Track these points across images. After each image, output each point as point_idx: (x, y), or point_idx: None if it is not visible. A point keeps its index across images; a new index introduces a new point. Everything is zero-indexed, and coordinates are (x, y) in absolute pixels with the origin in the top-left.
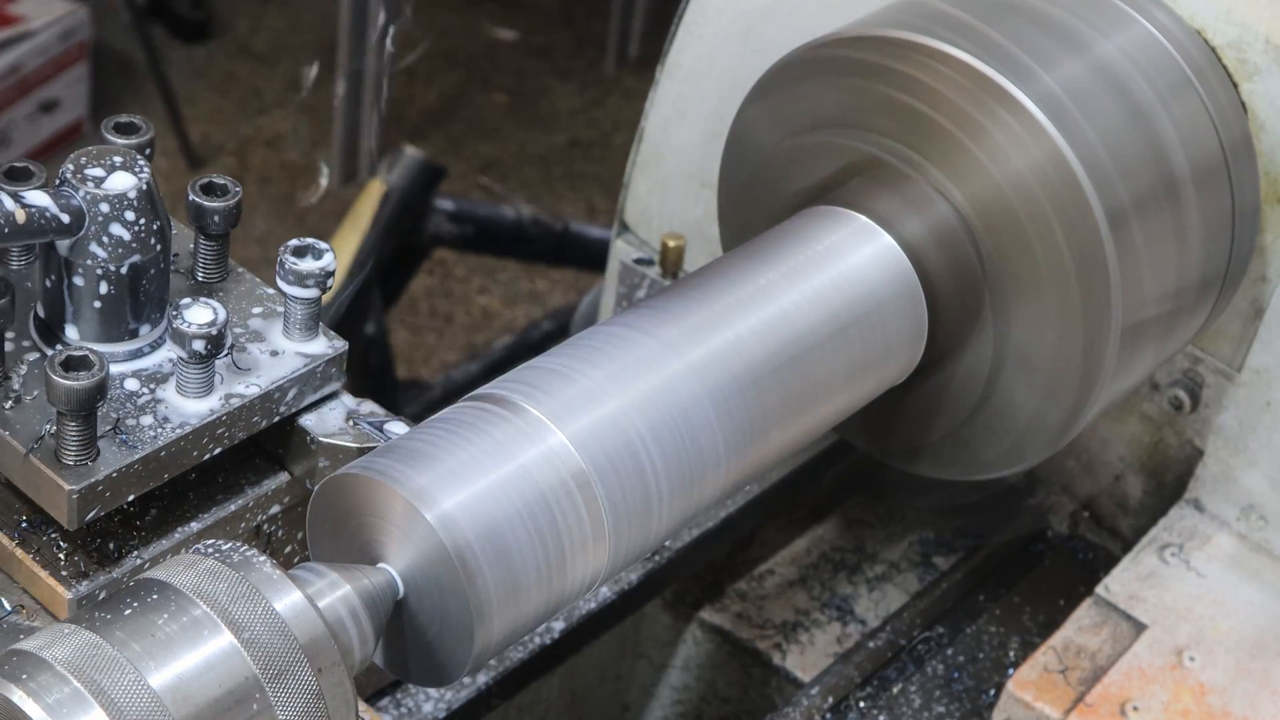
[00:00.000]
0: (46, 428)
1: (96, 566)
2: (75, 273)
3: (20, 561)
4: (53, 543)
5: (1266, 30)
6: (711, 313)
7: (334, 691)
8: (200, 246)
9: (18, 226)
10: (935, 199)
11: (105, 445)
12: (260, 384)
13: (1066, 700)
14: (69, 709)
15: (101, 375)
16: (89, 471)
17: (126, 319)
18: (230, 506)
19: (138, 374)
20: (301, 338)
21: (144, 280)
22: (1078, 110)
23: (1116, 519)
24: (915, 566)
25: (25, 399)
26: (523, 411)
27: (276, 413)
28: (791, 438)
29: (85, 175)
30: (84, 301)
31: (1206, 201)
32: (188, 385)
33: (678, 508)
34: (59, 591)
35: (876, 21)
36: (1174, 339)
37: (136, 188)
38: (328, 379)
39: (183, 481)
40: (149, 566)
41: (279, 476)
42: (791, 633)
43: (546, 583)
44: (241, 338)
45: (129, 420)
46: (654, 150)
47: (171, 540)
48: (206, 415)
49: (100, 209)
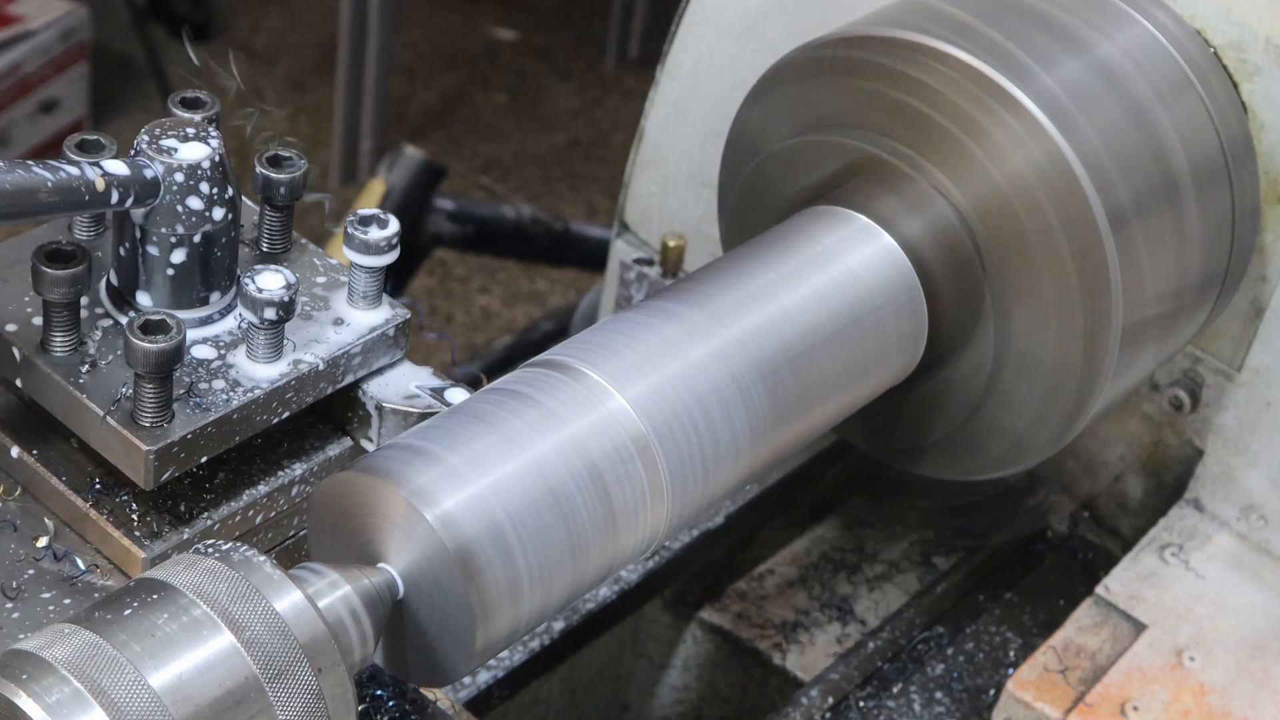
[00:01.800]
0: (123, 391)
1: (169, 527)
2: (149, 241)
3: (94, 522)
4: (125, 504)
5: (1266, 30)
6: (708, 314)
7: (334, 691)
8: (266, 217)
9: (97, 194)
10: (935, 199)
11: (179, 408)
12: (327, 351)
13: (1066, 700)
14: (69, 709)
15: (179, 338)
16: (165, 433)
17: (197, 286)
18: (296, 470)
19: (208, 340)
20: (366, 306)
21: (215, 248)
22: (1078, 110)
23: (1116, 519)
24: (915, 566)
25: (101, 364)
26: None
27: (341, 379)
28: (791, 437)
29: (160, 145)
30: (157, 269)
31: (1206, 201)
32: (258, 350)
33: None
34: (133, 551)
35: (876, 21)
36: (1174, 339)
37: (210, 157)
38: (391, 346)
39: (249, 447)
40: (219, 528)
41: (342, 442)
42: (791, 633)
43: (576, 558)
44: (307, 306)
45: (201, 384)
46: (654, 150)
47: (240, 502)
48: (276, 380)
49: (175, 178)
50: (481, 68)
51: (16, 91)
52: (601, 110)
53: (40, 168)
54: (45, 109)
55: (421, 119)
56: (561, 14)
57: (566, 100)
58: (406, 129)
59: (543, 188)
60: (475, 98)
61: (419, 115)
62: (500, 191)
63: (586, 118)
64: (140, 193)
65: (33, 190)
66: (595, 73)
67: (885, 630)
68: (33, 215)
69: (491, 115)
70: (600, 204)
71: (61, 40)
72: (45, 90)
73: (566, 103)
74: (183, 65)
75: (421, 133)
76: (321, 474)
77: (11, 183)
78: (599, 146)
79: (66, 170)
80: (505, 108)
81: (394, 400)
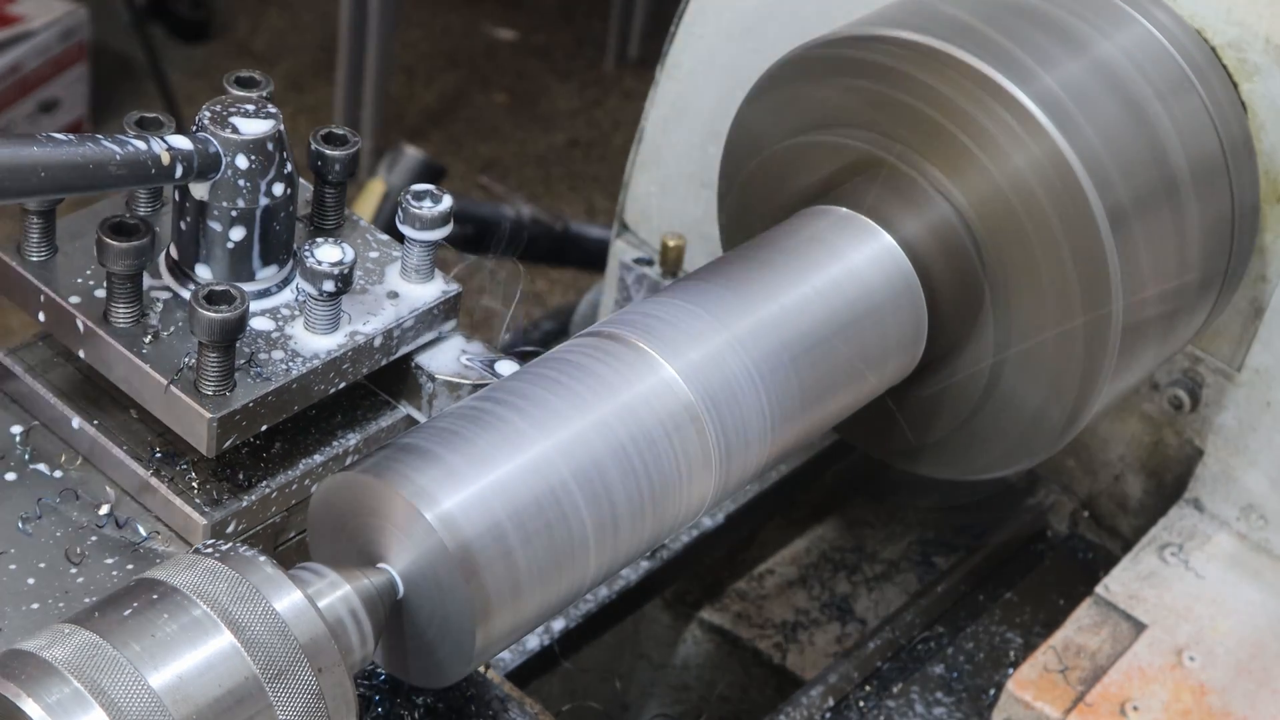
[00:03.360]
0: (185, 361)
1: (228, 495)
2: (210, 215)
3: (155, 490)
4: (185, 473)
5: (1266, 30)
6: (710, 314)
7: (334, 691)
8: (320, 194)
9: (163, 168)
10: (935, 198)
11: (240, 378)
12: (382, 323)
13: (1066, 700)
14: (69, 709)
15: (243, 308)
16: (227, 401)
17: (255, 260)
18: (350, 440)
19: (266, 312)
20: (419, 280)
21: (274, 223)
22: (1078, 110)
23: (1116, 519)
24: (915, 566)
25: (163, 335)
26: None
27: (395, 351)
28: (789, 437)
29: (222, 121)
30: (217, 243)
31: (1206, 201)
32: (316, 322)
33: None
34: (194, 518)
35: (876, 21)
36: (1174, 339)
37: (270, 134)
38: (443, 319)
39: (304, 417)
40: (276, 496)
41: (395, 413)
42: (791, 633)
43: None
44: (361, 280)
45: (261, 355)
46: (654, 150)
47: (296, 471)
48: (334, 350)
49: (236, 153)
50: (481, 68)
51: (16, 91)
52: (601, 110)
53: (109, 141)
54: (45, 109)
55: (421, 119)
56: (561, 14)
57: (566, 100)
58: (406, 129)
59: (543, 188)
60: (475, 98)
61: (419, 115)
62: (500, 191)
63: (586, 118)
64: (203, 167)
65: (103, 163)
66: (595, 73)
67: (885, 630)
68: (102, 188)
69: (491, 115)
70: (600, 204)
71: (61, 40)
72: (45, 90)
73: (566, 103)
74: (182, 65)
75: (421, 133)
76: (375, 444)
77: (83, 155)
78: (599, 146)
79: (134, 144)
80: (505, 108)
81: (446, 372)
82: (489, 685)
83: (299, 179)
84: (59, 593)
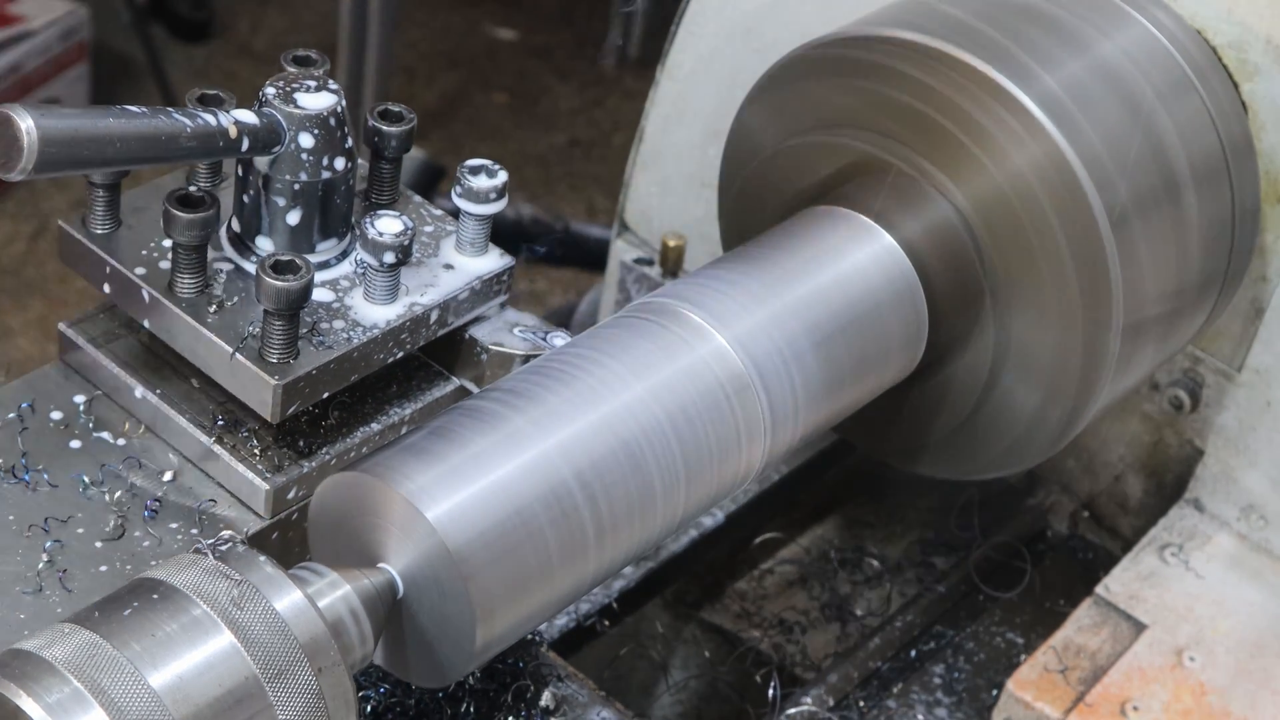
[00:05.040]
0: (250, 329)
1: (289, 461)
2: (273, 188)
3: (218, 457)
4: (247, 440)
5: (1267, 30)
6: (712, 313)
7: (334, 691)
8: (376, 169)
9: (230, 141)
10: (936, 199)
11: (303, 346)
12: (439, 294)
13: (1066, 700)
14: (69, 708)
15: (309, 277)
16: (291, 369)
17: (316, 233)
18: (406, 410)
19: (326, 283)
20: (474, 252)
21: (335, 196)
22: (1078, 110)
23: (1116, 519)
24: (915, 566)
25: (226, 305)
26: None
27: (451, 322)
28: (788, 437)
29: (285, 97)
30: (279, 215)
31: (1206, 201)
32: (376, 292)
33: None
34: (257, 484)
35: (876, 21)
36: (1174, 339)
37: (332, 108)
38: (497, 291)
39: (360, 388)
40: (335, 463)
41: (448, 384)
42: (791, 633)
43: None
44: (417, 253)
45: (323, 324)
46: (654, 150)
47: (355, 439)
48: (393, 320)
49: (299, 128)
50: (481, 68)
51: (16, 91)
52: (601, 110)
53: (180, 114)
54: None
55: (422, 119)
56: (561, 14)
57: (566, 100)
58: None
59: (543, 188)
60: (475, 98)
61: (419, 115)
62: None
63: (586, 118)
64: (267, 141)
65: (175, 135)
66: (595, 73)
67: (885, 630)
68: (172, 160)
69: (491, 115)
70: (600, 204)
71: (61, 40)
72: (45, 90)
73: (566, 103)
74: (182, 65)
75: (421, 133)
76: (428, 414)
77: (156, 128)
78: (599, 146)
79: (204, 117)
80: (505, 108)
81: (500, 341)
82: (535, 651)
83: (357, 154)
84: (125, 555)
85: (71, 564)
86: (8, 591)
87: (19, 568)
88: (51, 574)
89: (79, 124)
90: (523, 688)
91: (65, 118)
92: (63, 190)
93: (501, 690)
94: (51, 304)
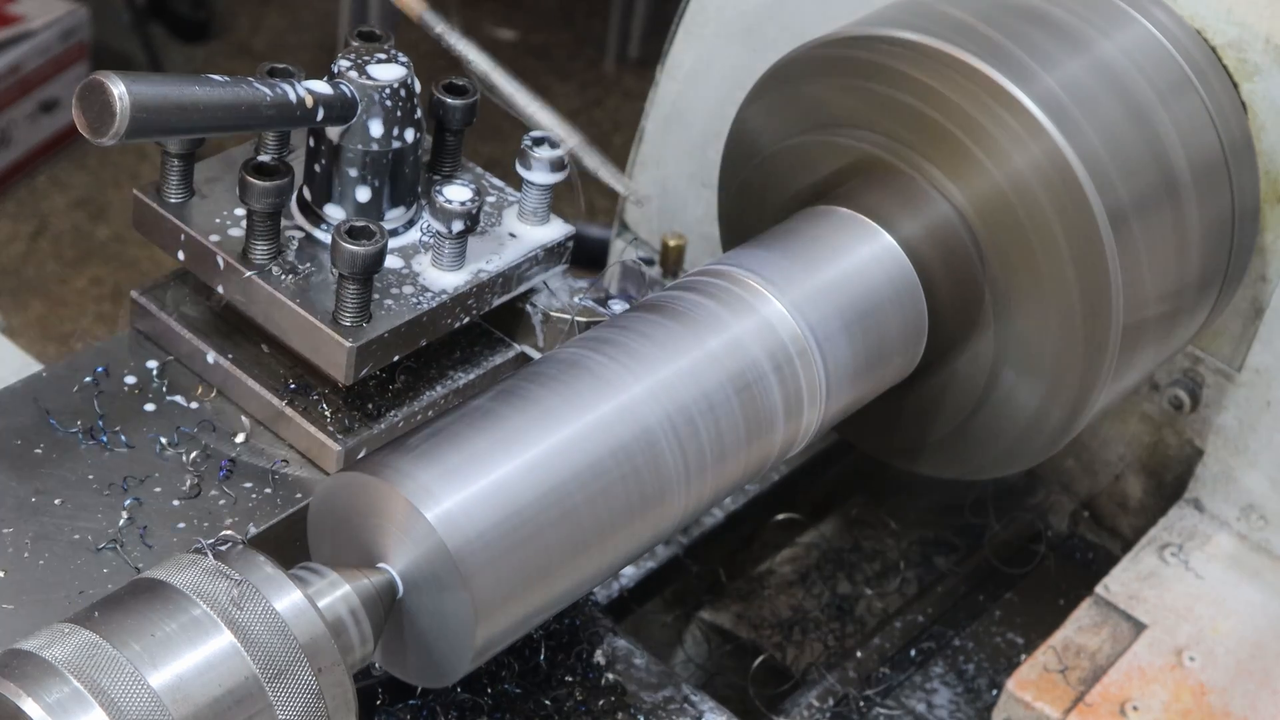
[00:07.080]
0: (320, 295)
1: (359, 423)
2: (344, 157)
3: (289, 419)
4: (317, 403)
5: (1266, 30)
6: (711, 312)
7: (334, 691)
8: (440, 141)
9: (306, 110)
10: (936, 199)
11: (374, 310)
12: (504, 261)
13: (1066, 700)
14: (69, 708)
15: (383, 243)
16: (364, 332)
17: (385, 201)
18: (470, 375)
19: (394, 250)
20: (536, 221)
21: (404, 166)
22: (1078, 110)
23: (1116, 519)
24: (915, 566)
25: (300, 270)
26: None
27: (515, 288)
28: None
29: (358, 68)
30: (349, 184)
31: (1206, 201)
32: (444, 259)
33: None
34: (328, 444)
35: (876, 21)
36: (1174, 339)
37: (402, 80)
38: (558, 259)
39: (424, 353)
40: (402, 425)
41: (510, 350)
42: (791, 633)
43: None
44: (481, 222)
45: (393, 290)
46: (654, 150)
47: (421, 403)
48: (460, 286)
49: (372, 98)
50: None
51: (16, 91)
52: (601, 110)
53: (260, 84)
54: (45, 109)
55: None
56: (561, 14)
57: (566, 100)
58: None
59: None
60: None
61: None
62: None
63: (586, 118)
64: (341, 112)
65: (255, 105)
66: (595, 73)
67: (885, 630)
68: (251, 128)
69: (491, 115)
70: (600, 204)
71: (61, 40)
72: (45, 90)
73: (566, 103)
74: (182, 65)
75: None
76: (490, 380)
77: (238, 96)
78: (599, 146)
79: (282, 87)
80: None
81: (560, 309)
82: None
83: (425, 126)
84: (202, 513)
85: (151, 521)
86: (90, 547)
87: (100, 524)
88: (133, 530)
89: (167, 91)
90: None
91: (155, 84)
92: (62, 190)
93: (560, 650)
94: (51, 304)
